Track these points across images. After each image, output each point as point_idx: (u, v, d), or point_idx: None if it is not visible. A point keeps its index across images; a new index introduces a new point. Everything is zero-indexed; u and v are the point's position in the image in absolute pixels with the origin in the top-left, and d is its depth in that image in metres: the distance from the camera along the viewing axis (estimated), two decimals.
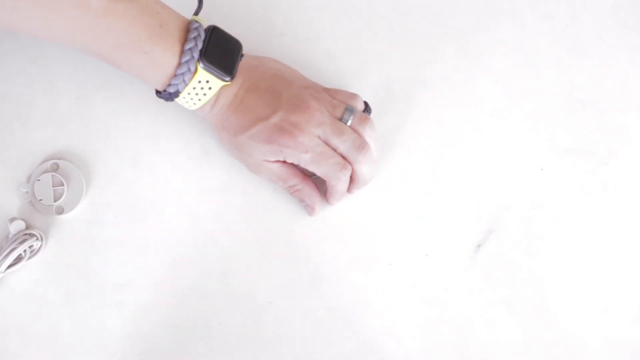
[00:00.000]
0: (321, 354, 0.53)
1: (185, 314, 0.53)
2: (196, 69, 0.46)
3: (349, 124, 0.51)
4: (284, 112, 0.49)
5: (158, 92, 0.49)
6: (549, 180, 0.57)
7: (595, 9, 0.60)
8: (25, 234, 0.52)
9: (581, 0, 0.60)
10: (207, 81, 0.47)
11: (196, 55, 0.46)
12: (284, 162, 0.51)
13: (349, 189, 0.53)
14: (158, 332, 0.53)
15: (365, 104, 0.54)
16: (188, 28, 0.47)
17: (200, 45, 0.46)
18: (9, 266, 0.51)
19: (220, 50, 0.47)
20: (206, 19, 0.57)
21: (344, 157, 0.51)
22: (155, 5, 0.46)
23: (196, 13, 0.49)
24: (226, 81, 0.48)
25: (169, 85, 0.47)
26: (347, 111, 0.51)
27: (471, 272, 0.55)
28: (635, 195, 0.57)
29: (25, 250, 0.51)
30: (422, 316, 0.54)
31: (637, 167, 0.57)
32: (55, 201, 0.53)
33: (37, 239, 0.52)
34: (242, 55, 0.49)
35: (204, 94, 0.48)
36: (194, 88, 0.47)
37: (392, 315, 0.54)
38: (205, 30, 0.47)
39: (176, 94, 0.47)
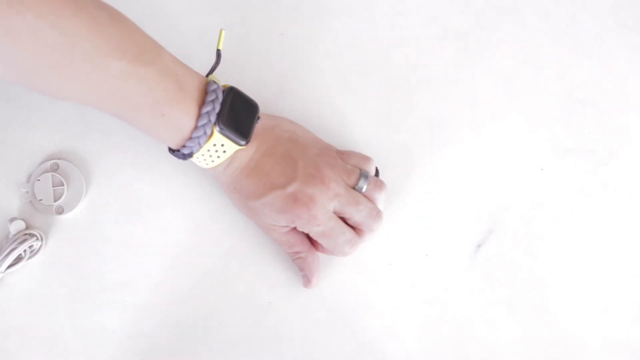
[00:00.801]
0: (321, 354, 0.53)
1: (185, 314, 0.53)
2: (212, 133, 0.45)
3: (363, 190, 0.51)
4: (300, 183, 0.49)
5: (171, 150, 0.48)
6: (549, 180, 0.57)
7: (595, 9, 0.60)
8: (25, 234, 0.52)
9: (581, 0, 0.60)
10: (222, 144, 0.46)
11: (213, 118, 0.45)
12: (294, 228, 0.51)
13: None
14: (158, 332, 0.53)
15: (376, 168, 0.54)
16: (206, 90, 0.46)
17: (217, 108, 0.45)
18: (9, 266, 0.51)
19: (237, 114, 0.46)
20: (206, 20, 0.57)
21: (357, 225, 0.51)
22: (174, 66, 0.45)
23: (213, 69, 0.48)
24: (241, 145, 0.47)
25: (184, 146, 0.46)
26: (362, 177, 0.51)
27: (471, 272, 0.55)
28: (635, 195, 0.57)
29: (25, 250, 0.51)
30: (422, 316, 0.54)
31: (637, 167, 0.57)
32: (55, 201, 0.53)
33: (37, 239, 0.52)
34: (258, 117, 0.48)
35: (218, 157, 0.47)
36: (209, 150, 0.46)
37: (392, 315, 0.54)
38: (223, 91, 0.46)
39: (190, 154, 0.47)
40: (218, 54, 0.48)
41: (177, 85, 0.44)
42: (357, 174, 0.51)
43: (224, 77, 0.53)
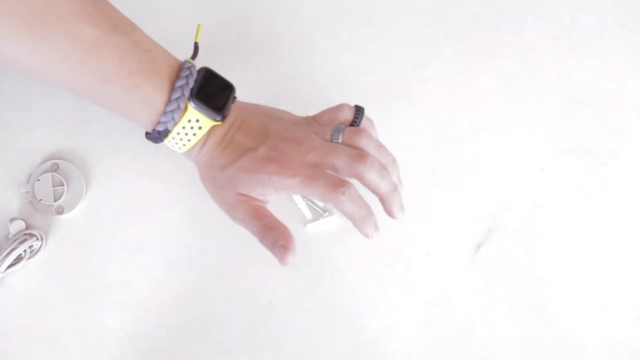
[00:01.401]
0: (321, 354, 0.53)
1: (185, 314, 0.53)
2: (186, 107, 0.45)
3: (339, 141, 0.48)
4: (272, 142, 0.47)
5: (147, 134, 0.48)
6: (549, 180, 0.57)
7: (595, 9, 0.60)
8: (25, 234, 0.52)
9: (581, 0, 0.60)
10: (197, 120, 0.46)
11: (187, 93, 0.45)
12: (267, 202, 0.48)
13: (387, 212, 0.48)
14: (158, 332, 0.53)
15: (357, 108, 0.50)
16: (180, 67, 0.46)
17: (191, 83, 0.45)
18: (9, 266, 0.51)
19: (212, 90, 0.46)
20: (206, 20, 0.57)
21: (343, 174, 0.47)
22: (147, 42, 0.45)
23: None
24: (217, 121, 0.46)
25: (158, 123, 0.46)
26: (335, 131, 0.49)
27: (471, 272, 0.55)
28: (635, 195, 0.57)
29: (25, 250, 0.51)
30: (422, 316, 0.54)
31: (637, 167, 0.57)
32: (55, 201, 0.53)
33: (37, 239, 0.52)
34: (235, 97, 0.48)
35: (194, 134, 0.46)
36: (184, 127, 0.46)
37: (392, 315, 0.54)
38: (197, 70, 0.47)
39: (165, 132, 0.46)
40: (196, 47, 0.48)
41: (151, 59, 0.45)
42: (330, 130, 0.49)
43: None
